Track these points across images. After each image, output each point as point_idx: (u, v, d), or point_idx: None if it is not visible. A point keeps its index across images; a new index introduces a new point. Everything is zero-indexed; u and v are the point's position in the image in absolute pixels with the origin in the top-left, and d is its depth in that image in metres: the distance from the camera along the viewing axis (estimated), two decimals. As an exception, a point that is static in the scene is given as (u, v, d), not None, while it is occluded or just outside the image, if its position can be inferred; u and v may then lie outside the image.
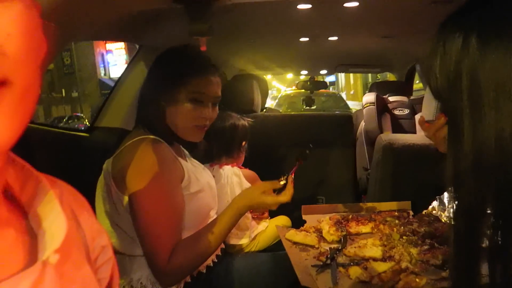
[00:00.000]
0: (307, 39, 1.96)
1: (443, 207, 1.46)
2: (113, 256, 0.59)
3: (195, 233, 1.16)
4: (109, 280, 0.58)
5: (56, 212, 0.46)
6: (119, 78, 1.91)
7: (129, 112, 1.82)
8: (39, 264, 0.42)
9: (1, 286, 0.38)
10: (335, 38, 1.94)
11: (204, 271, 1.21)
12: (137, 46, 1.83)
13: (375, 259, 1.10)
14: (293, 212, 1.83)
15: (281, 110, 6.14)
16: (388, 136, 1.72)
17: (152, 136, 1.16)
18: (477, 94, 0.57)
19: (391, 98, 2.57)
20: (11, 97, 0.35)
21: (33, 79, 0.38)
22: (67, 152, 1.56)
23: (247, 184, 1.53)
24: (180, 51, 1.26)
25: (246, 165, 1.66)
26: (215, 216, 1.33)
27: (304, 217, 1.49)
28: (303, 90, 3.99)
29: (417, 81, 3.38)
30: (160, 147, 1.15)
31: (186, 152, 1.33)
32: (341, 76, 21.23)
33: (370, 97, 2.42)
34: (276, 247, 1.48)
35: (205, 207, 1.26)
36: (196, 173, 1.25)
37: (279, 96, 10.43)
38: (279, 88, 21.66)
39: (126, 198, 1.11)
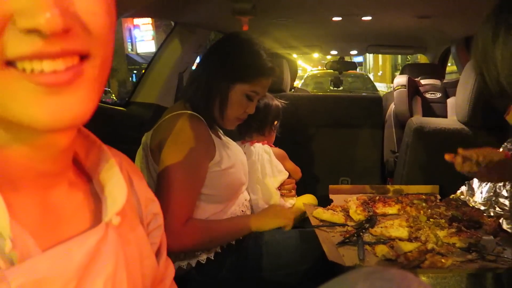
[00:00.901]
0: (339, 18, 1.94)
1: (472, 192, 1.46)
2: (163, 223, 0.64)
3: (215, 221, 1.24)
4: (159, 245, 0.63)
5: (117, 178, 0.51)
6: (154, 54, 1.95)
7: (164, 89, 1.87)
8: (103, 224, 0.47)
9: (71, 242, 0.43)
10: (368, 17, 1.92)
11: (234, 243, 1.26)
12: (173, 23, 1.86)
13: (401, 239, 1.13)
14: (319, 191, 1.86)
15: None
16: (419, 119, 1.71)
17: (191, 112, 1.19)
18: None
19: (423, 81, 2.52)
20: (93, 69, 0.39)
21: (109, 52, 0.41)
22: (105, 124, 1.62)
23: (276, 162, 1.56)
24: (256, 46, 1.25)
25: (275, 143, 1.69)
26: (244, 191, 1.38)
27: (331, 196, 1.52)
28: (330, 70, 3.94)
29: (449, 64, 3.29)
30: (197, 122, 1.19)
31: (220, 130, 1.37)
32: (369, 56, 20.71)
33: (401, 79, 2.38)
34: (302, 224, 1.51)
35: (236, 182, 1.30)
36: (228, 150, 1.29)
37: (305, 76, 10.26)
38: (305, 68, 21.34)
39: None
